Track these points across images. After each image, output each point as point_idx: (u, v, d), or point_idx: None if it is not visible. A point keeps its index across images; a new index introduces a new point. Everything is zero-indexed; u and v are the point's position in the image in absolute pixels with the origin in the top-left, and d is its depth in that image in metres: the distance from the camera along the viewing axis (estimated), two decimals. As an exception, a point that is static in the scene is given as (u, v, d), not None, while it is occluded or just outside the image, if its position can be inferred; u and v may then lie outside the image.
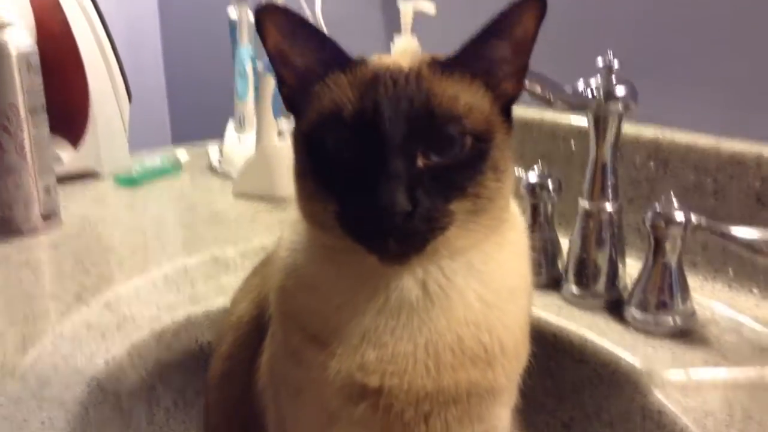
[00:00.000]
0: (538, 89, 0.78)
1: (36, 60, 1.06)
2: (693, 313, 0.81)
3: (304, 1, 1.21)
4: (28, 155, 1.06)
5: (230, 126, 1.43)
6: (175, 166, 1.42)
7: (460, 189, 0.50)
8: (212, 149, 1.47)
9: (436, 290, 0.52)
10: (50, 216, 1.11)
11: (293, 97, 0.54)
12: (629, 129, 0.92)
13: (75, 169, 1.35)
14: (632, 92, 0.81)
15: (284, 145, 1.24)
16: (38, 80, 1.07)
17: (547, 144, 1.05)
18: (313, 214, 0.52)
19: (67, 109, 1.31)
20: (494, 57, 0.52)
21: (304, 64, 0.53)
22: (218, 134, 1.46)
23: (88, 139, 1.35)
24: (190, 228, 1.16)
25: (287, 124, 1.30)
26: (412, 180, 0.48)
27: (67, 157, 1.34)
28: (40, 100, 1.08)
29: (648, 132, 0.94)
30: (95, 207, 1.24)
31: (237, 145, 1.39)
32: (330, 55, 0.52)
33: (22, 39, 1.04)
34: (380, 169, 0.47)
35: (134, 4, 1.96)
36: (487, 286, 0.54)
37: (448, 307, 0.52)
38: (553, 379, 0.84)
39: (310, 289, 0.55)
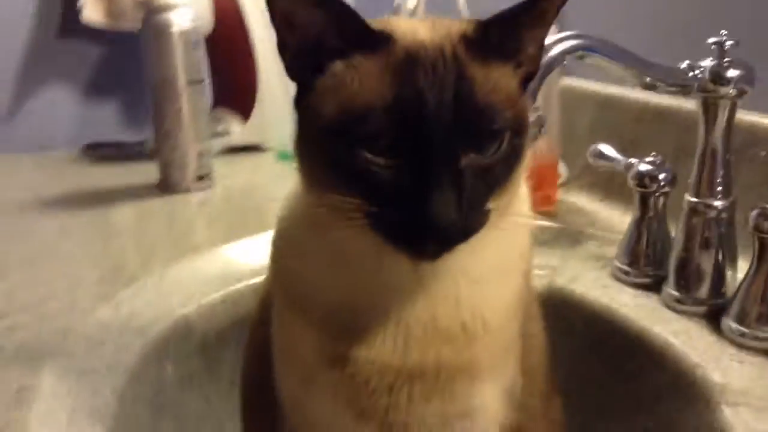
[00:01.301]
0: (638, 73, 0.72)
1: (196, 38, 1.17)
2: (802, 332, 0.70)
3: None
4: (185, 123, 1.18)
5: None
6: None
7: (499, 187, 0.48)
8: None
9: (427, 269, 0.51)
10: (202, 178, 1.22)
11: (298, 65, 0.50)
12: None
13: (243, 142, 1.47)
14: (747, 75, 0.71)
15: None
16: (198, 56, 1.18)
17: (682, 136, 0.95)
18: (331, 203, 0.48)
19: (238, 85, 1.43)
20: (524, 38, 0.50)
21: (317, 33, 0.48)
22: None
23: (256, 114, 1.46)
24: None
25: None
26: (458, 186, 0.45)
27: (237, 130, 1.46)
28: (199, 74, 1.19)
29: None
30: (251, 175, 1.34)
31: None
32: (352, 29, 0.48)
33: (184, 19, 1.15)
34: (427, 175, 0.44)
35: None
36: (477, 263, 0.52)
37: (431, 284, 0.51)
38: (631, 383, 0.77)
39: (299, 252, 0.55)
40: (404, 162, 0.45)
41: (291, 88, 1.56)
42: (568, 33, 0.71)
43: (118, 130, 1.69)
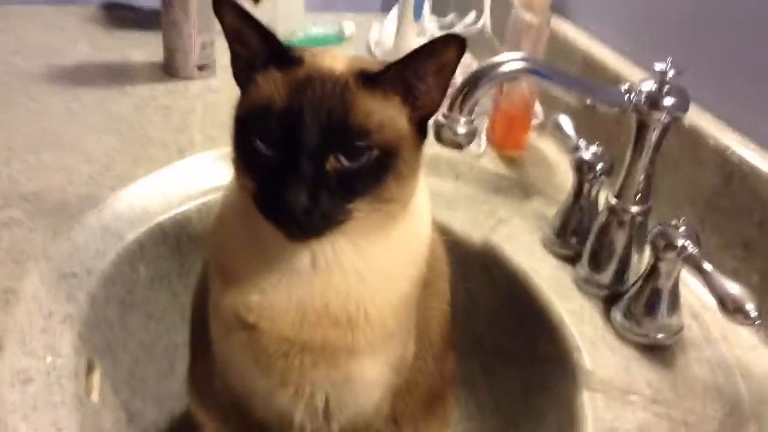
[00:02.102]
0: (578, 95, 0.78)
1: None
2: (678, 331, 0.81)
3: None
4: (191, 13, 1.24)
5: (394, 11, 1.49)
6: (338, 37, 1.54)
7: (361, 193, 0.58)
8: (375, 29, 1.55)
9: (322, 264, 0.62)
10: (204, 68, 1.29)
11: (240, 74, 0.62)
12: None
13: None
14: (681, 103, 0.77)
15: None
16: (208, -51, 1.21)
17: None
18: (240, 182, 0.62)
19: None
20: (415, 80, 0.59)
21: (252, 49, 0.60)
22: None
23: (269, -1, 1.49)
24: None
25: (431, 25, 1.34)
26: (317, 181, 0.55)
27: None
28: (209, -34, 1.22)
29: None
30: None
31: (393, 32, 1.45)
32: (272, 49, 0.59)
33: None
34: (291, 168, 0.55)
35: None
36: (367, 265, 0.63)
37: (326, 277, 0.62)
38: (528, 345, 0.90)
39: (227, 229, 0.66)
40: (281, 155, 0.56)
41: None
42: (513, 55, 0.76)
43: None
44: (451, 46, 0.57)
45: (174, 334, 0.97)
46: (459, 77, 0.81)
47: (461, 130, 0.73)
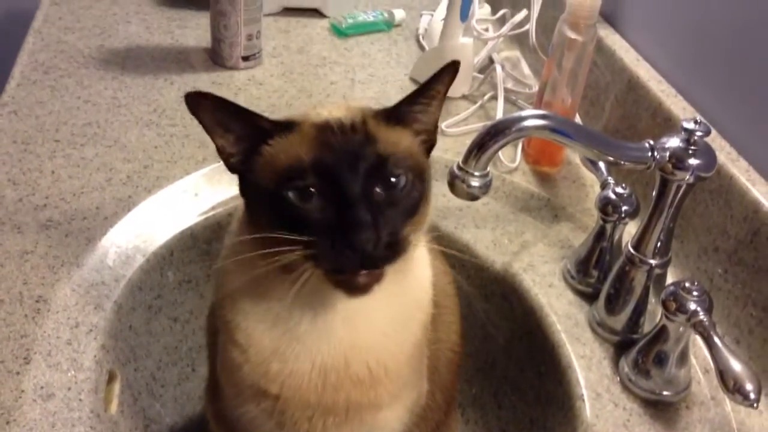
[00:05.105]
0: (601, 152, 0.77)
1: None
2: (685, 388, 0.80)
3: None
4: (239, 6, 1.24)
5: (444, 3, 1.46)
6: (387, 24, 1.52)
7: (405, 219, 0.59)
8: (425, 19, 1.53)
9: (347, 321, 0.64)
10: (249, 58, 1.31)
11: (234, 161, 0.62)
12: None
13: (301, 4, 1.51)
14: (707, 163, 0.75)
15: (466, 45, 1.28)
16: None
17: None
18: (277, 257, 0.58)
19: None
20: (420, 114, 0.64)
21: (241, 134, 0.61)
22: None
23: (319, -23, 1.49)
24: (350, 88, 1.29)
25: (473, 25, 1.31)
26: (372, 214, 0.56)
27: (298, -7, 1.50)
28: (257, -41, 1.23)
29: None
30: (299, 55, 1.39)
31: (440, 25, 1.43)
32: (260, 126, 0.61)
33: None
34: (347, 210, 0.56)
35: None
36: (386, 315, 0.65)
37: (349, 334, 0.64)
38: (537, 380, 0.91)
39: (242, 305, 0.65)
40: (330, 204, 0.57)
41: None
42: (535, 112, 0.75)
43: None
44: (451, 73, 0.62)
45: (198, 335, 1.01)
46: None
47: (475, 183, 0.73)
